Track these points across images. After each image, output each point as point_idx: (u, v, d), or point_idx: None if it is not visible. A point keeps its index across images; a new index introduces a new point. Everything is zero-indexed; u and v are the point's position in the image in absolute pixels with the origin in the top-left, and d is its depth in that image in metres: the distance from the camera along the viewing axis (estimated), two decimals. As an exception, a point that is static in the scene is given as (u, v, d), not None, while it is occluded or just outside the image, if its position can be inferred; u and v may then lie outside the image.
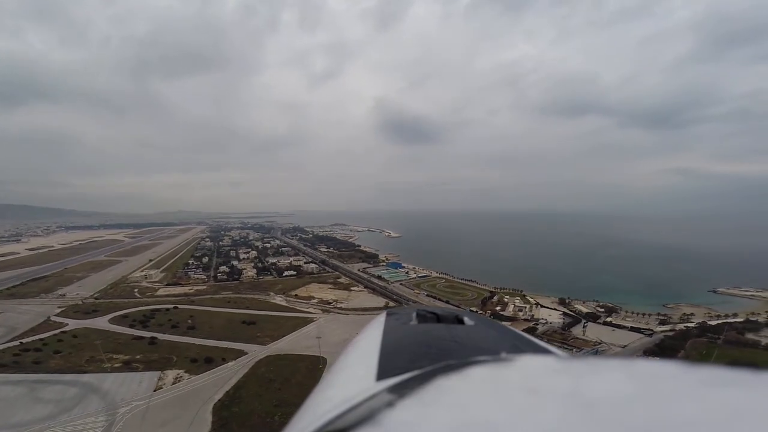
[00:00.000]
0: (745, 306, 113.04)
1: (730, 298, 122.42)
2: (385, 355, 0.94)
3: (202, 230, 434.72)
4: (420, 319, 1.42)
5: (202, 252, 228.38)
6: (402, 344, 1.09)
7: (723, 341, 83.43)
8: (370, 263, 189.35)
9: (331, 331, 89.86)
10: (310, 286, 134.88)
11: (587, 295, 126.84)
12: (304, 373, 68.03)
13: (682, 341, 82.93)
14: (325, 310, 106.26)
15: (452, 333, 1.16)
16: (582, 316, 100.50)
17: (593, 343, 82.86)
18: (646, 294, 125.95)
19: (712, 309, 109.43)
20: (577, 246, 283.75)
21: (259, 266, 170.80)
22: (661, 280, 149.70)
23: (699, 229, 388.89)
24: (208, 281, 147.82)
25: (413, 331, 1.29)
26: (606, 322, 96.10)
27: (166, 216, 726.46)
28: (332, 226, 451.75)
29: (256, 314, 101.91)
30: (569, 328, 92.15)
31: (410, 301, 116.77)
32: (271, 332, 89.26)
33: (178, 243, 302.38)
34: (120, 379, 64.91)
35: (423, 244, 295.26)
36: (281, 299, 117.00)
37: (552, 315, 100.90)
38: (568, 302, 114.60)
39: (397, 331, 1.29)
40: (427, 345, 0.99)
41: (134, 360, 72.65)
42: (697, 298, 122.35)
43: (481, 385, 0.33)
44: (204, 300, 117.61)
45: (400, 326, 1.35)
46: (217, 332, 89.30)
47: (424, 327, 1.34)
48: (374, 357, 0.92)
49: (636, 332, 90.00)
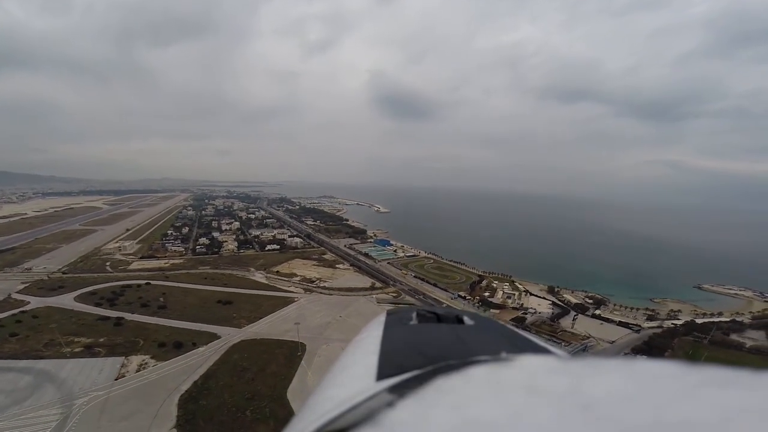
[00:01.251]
0: (730, 304, 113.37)
1: (714, 296, 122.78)
2: (385, 355, 0.94)
3: (186, 198, 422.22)
4: (420, 319, 1.43)
5: (183, 221, 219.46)
6: (402, 344, 1.09)
7: (709, 342, 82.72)
8: (358, 239, 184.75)
9: (312, 314, 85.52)
10: (293, 262, 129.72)
11: (574, 283, 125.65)
12: (281, 362, 63.63)
13: (670, 339, 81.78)
14: (307, 289, 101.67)
15: (452, 333, 1.16)
16: (571, 307, 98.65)
17: (582, 337, 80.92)
18: (633, 286, 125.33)
19: (697, 306, 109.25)
20: (563, 230, 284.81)
21: (241, 239, 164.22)
22: (646, 272, 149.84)
23: (683, 222, 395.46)
24: (186, 254, 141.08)
25: (413, 331, 1.29)
26: (595, 315, 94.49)
27: (150, 183, 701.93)
28: (320, 198, 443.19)
29: (233, 293, 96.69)
30: (558, 319, 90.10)
31: (398, 282, 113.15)
32: (248, 313, 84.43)
33: (159, 211, 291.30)
34: (80, 365, 59.40)
35: (412, 220, 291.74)
36: (261, 276, 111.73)
37: (541, 304, 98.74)
38: (557, 291, 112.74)
39: (397, 331, 1.29)
40: (427, 345, 1.00)
41: (97, 344, 66.96)
42: (683, 293, 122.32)
43: (481, 385, 0.31)
44: (179, 276, 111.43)
45: (400, 326, 1.36)
46: (190, 312, 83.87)
47: (424, 327, 1.34)
48: (374, 357, 0.92)
49: (624, 327, 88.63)
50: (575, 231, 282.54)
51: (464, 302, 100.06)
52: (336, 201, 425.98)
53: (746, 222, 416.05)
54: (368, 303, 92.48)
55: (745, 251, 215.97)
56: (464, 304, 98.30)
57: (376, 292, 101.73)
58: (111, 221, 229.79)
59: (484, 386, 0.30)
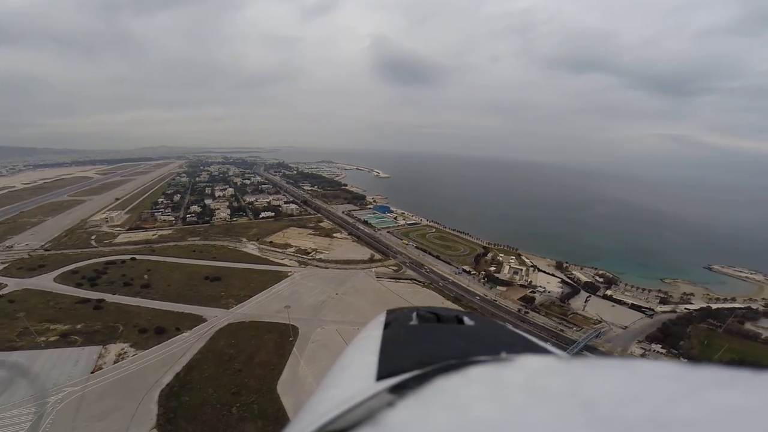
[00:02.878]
0: (741, 289, 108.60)
1: (724, 278, 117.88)
2: (385, 355, 0.93)
3: (180, 165, 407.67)
4: (420, 319, 1.43)
5: (175, 189, 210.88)
6: (402, 344, 1.09)
7: (723, 330, 78.35)
8: (356, 205, 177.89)
9: (306, 291, 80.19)
10: (287, 230, 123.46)
11: (582, 257, 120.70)
12: (271, 349, 58.66)
13: (684, 327, 77.03)
14: (302, 262, 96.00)
15: (452, 333, 1.16)
16: (581, 286, 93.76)
17: (594, 322, 76.28)
18: (643, 264, 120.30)
19: (709, 289, 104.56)
20: (568, 199, 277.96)
21: (235, 206, 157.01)
22: (655, 249, 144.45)
23: (688, 197, 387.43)
24: (176, 224, 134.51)
25: (413, 331, 1.29)
26: (606, 296, 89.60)
27: (146, 152, 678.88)
28: (318, 163, 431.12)
29: (222, 267, 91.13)
30: (568, 300, 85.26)
31: (398, 253, 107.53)
32: (238, 291, 79.14)
33: (151, 179, 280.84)
34: (54, 356, 54.89)
35: (413, 186, 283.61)
36: (254, 247, 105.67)
37: (550, 282, 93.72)
38: (565, 267, 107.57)
39: (397, 331, 1.29)
40: (427, 345, 0.99)
41: (74, 331, 62.34)
42: (693, 274, 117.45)
43: (481, 385, 0.33)
44: (167, 248, 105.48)
45: (400, 326, 1.36)
46: (175, 291, 79.06)
47: (424, 327, 1.34)
48: (374, 357, 0.92)
49: (636, 310, 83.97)
50: (580, 201, 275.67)
51: (469, 277, 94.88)
52: (335, 166, 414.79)
53: (752, 199, 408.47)
54: (367, 278, 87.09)
55: (751, 230, 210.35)
56: (469, 280, 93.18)
57: (376, 265, 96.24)
58: (100, 191, 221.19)
59: (484, 386, 0.33)
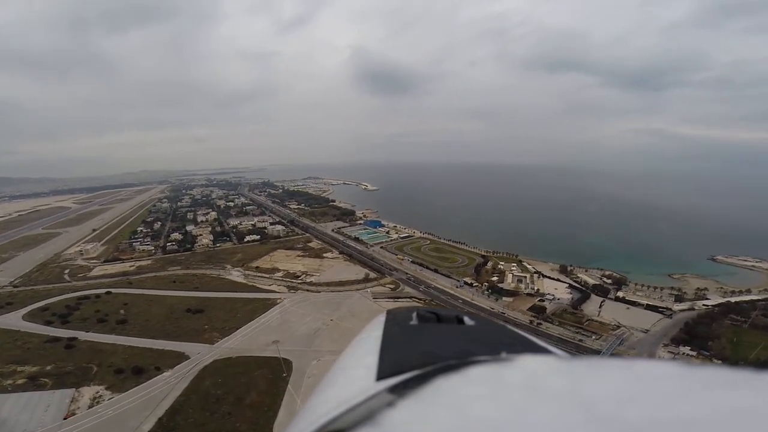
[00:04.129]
0: (752, 279, 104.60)
1: (731, 269, 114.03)
2: (385, 355, 0.94)
3: (162, 190, 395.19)
4: (420, 319, 1.43)
5: (156, 216, 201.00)
6: (402, 344, 1.09)
7: (750, 326, 73.45)
8: (346, 221, 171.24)
9: (298, 318, 72.66)
10: (275, 253, 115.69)
11: (585, 259, 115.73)
12: (263, 387, 51.48)
13: (708, 325, 71.72)
14: (291, 287, 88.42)
15: (452, 333, 1.16)
16: (590, 289, 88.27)
17: (612, 327, 70.45)
18: (647, 261, 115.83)
19: (720, 282, 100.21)
20: (559, 200, 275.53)
21: (218, 231, 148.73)
22: (655, 243, 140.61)
23: (672, 189, 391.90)
24: (155, 253, 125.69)
25: (413, 331, 1.29)
26: (618, 298, 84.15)
27: (127, 177, 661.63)
28: (305, 180, 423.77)
29: (205, 298, 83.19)
30: (579, 306, 79.52)
31: (394, 270, 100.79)
32: (222, 323, 71.44)
33: (131, 207, 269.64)
34: (23, 401, 48.84)
35: (403, 198, 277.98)
36: (239, 274, 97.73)
37: (558, 288, 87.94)
38: (570, 271, 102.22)
39: (397, 331, 1.29)
40: (427, 345, 0.99)
41: (44, 373, 55.66)
42: (699, 267, 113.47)
43: (481, 385, 0.34)
44: (145, 280, 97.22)
45: (400, 326, 1.36)
46: (154, 326, 71.64)
47: (424, 327, 1.34)
48: (374, 357, 0.92)
49: (653, 311, 78.60)
50: (570, 200, 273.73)
51: (472, 290, 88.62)
52: (322, 182, 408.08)
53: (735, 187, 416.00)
54: (363, 300, 79.95)
55: (744, 217, 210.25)
56: (472, 293, 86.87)
57: (371, 284, 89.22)
58: (77, 222, 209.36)
59: (484, 386, 0.33)
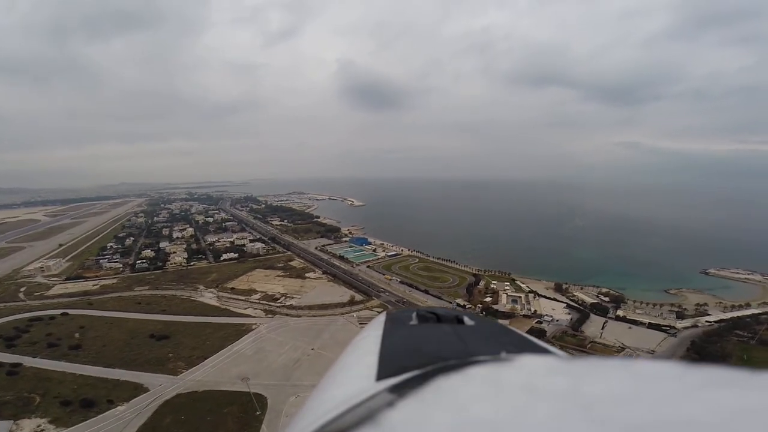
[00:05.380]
0: (748, 292, 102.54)
1: (725, 282, 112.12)
2: (385, 355, 0.94)
3: (140, 204, 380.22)
4: (420, 319, 1.42)
5: (129, 231, 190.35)
6: (402, 344, 1.09)
7: (757, 342, 70.10)
8: (331, 239, 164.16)
9: (276, 347, 65.29)
10: (252, 273, 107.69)
11: (577, 275, 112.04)
12: (233, 428, 44.61)
13: (714, 343, 68.03)
14: (269, 310, 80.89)
15: (452, 333, 1.16)
16: (587, 308, 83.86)
17: (616, 350, 65.63)
18: (642, 276, 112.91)
19: (717, 297, 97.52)
20: (547, 215, 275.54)
21: (193, 248, 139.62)
22: (645, 257, 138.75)
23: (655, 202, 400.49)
24: (123, 271, 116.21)
25: (413, 331, 1.29)
26: (618, 317, 79.80)
27: (105, 190, 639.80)
28: (289, 195, 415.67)
29: (172, 322, 75.03)
30: (580, 327, 74.70)
31: (382, 291, 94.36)
32: (190, 351, 63.59)
33: (105, 221, 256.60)
34: None
35: (390, 213, 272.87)
36: (212, 296, 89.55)
37: (556, 309, 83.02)
38: (565, 289, 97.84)
39: (397, 331, 1.28)
40: (427, 345, 0.99)
41: None
42: (693, 281, 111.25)
43: (481, 385, 0.34)
44: (107, 301, 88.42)
45: (400, 326, 1.35)
46: (112, 353, 63.47)
47: (424, 327, 1.33)
48: (374, 357, 0.92)
49: (656, 330, 74.40)
50: (557, 215, 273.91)
51: (465, 312, 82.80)
52: (306, 197, 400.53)
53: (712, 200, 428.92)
54: (348, 325, 73.07)
55: (728, 228, 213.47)
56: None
57: (357, 307, 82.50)
58: (45, 236, 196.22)
59: (484, 386, 0.33)
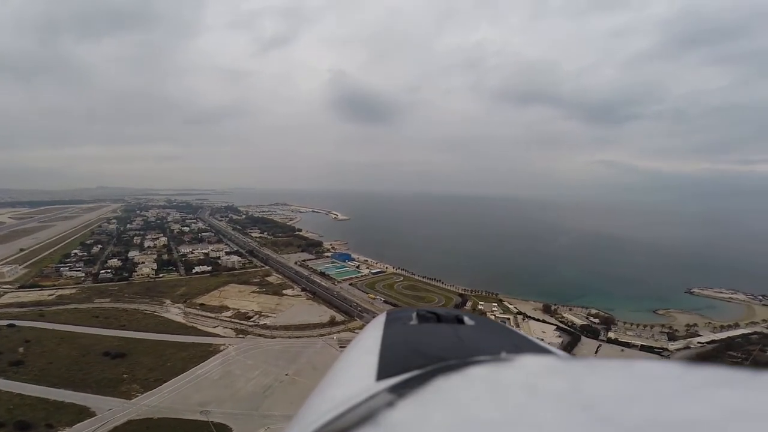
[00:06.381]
0: (733, 312, 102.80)
1: (710, 302, 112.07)
2: (385, 355, 0.94)
3: (114, 209, 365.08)
4: (420, 319, 1.42)
5: (98, 238, 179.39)
6: (402, 344, 1.09)
7: (751, 362, 68.36)
8: (312, 253, 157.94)
9: (245, 371, 58.91)
10: (226, 288, 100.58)
11: (565, 296, 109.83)
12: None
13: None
14: (240, 330, 74.34)
15: (452, 333, 1.16)
16: (578, 331, 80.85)
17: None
18: (630, 297, 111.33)
19: (706, 317, 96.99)
20: (530, 233, 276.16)
21: (164, 259, 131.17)
22: (631, 276, 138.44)
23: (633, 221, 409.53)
24: (85, 281, 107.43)
25: (413, 331, 1.29)
26: (610, 340, 76.95)
27: (81, 193, 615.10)
28: (271, 206, 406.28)
29: (131, 339, 67.82)
30: (572, 350, 71.12)
31: (365, 311, 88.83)
32: (147, 373, 56.78)
33: (74, 226, 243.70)
34: None
35: (375, 228, 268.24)
36: (178, 311, 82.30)
37: (546, 332, 79.63)
38: (554, 310, 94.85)
39: (397, 331, 1.28)
40: (427, 345, 0.99)
41: None
42: (680, 301, 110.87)
43: (481, 385, 0.34)
44: (61, 313, 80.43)
45: (400, 326, 1.35)
46: (57, 371, 56.37)
47: (424, 327, 1.34)
48: (374, 357, 0.92)
49: (649, 352, 72.01)
50: (541, 233, 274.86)
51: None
52: (289, 209, 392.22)
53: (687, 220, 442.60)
54: (327, 349, 67.24)
55: (707, 245, 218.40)
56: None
57: (338, 328, 76.81)
58: (6, 239, 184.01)
59: (484, 386, 0.33)
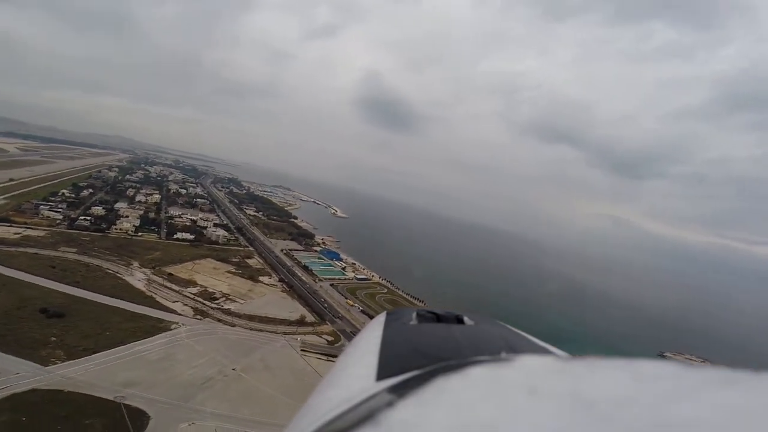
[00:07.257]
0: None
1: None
2: (385, 355, 0.94)
3: (121, 159, 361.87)
4: (420, 319, 1.42)
5: (93, 182, 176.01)
6: (402, 344, 1.09)
7: None
8: (301, 244, 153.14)
9: (189, 356, 53.88)
10: (201, 262, 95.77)
11: (550, 342, 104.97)
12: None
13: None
14: (200, 310, 69.44)
15: (452, 333, 1.16)
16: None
17: None
18: (611, 347, 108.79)
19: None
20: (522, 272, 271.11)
21: (149, 217, 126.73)
22: (612, 332, 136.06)
23: (624, 278, 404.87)
24: (60, 224, 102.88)
25: (413, 331, 1.29)
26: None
27: (97, 138, 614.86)
28: (274, 187, 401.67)
29: (79, 298, 62.91)
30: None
31: (339, 317, 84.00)
32: (79, 339, 51.82)
33: (74, 167, 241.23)
34: None
35: (371, 233, 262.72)
36: (142, 278, 77.45)
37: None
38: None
39: (397, 330, 1.28)
40: (427, 345, 1.00)
41: None
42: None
43: (481, 385, 0.34)
44: (17, 256, 75.35)
45: (400, 326, 1.35)
46: None
47: (424, 327, 1.34)
48: (374, 357, 0.92)
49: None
50: (532, 275, 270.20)
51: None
52: (291, 194, 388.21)
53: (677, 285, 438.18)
54: (287, 349, 62.34)
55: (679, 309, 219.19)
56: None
57: (305, 330, 71.86)
58: (2, 167, 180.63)
59: (484, 386, 0.33)
